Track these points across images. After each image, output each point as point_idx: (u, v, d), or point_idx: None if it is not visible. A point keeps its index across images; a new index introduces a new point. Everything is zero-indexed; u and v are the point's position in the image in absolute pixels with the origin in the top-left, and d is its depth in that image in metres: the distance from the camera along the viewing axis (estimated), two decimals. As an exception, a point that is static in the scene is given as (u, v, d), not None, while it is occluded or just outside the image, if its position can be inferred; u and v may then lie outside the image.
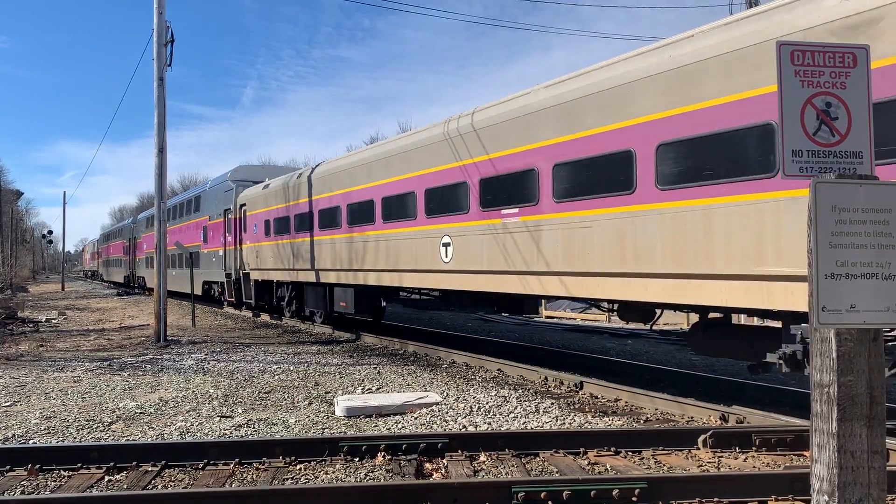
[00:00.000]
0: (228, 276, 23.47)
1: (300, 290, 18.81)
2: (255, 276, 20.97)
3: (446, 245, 11.64)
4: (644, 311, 9.22)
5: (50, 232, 74.93)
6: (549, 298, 11.45)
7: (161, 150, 15.68)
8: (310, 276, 17.19)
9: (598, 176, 8.37)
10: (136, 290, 40.68)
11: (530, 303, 13.10)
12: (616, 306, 9.85)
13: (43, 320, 21.53)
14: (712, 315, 8.24)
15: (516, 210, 9.87)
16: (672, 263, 7.52)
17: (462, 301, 14.20)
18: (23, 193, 77.30)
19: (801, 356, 6.50)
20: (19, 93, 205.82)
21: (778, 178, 6.42)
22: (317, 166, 17.46)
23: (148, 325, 18.94)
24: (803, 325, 6.47)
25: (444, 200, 11.60)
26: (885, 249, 3.43)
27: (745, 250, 6.77)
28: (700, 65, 7.20)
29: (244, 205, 21.79)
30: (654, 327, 9.82)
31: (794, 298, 6.36)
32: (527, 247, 9.66)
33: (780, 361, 6.77)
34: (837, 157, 3.59)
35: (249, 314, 22.77)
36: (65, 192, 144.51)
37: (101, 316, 24.13)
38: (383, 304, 17.07)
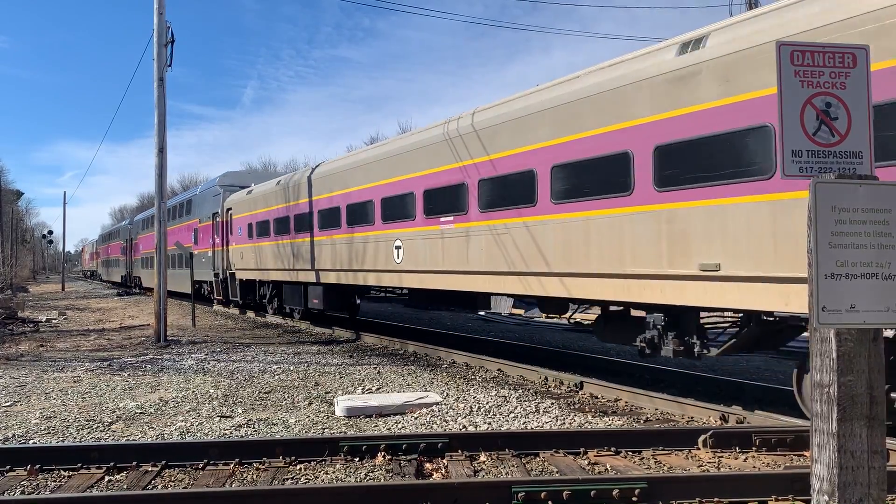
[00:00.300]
0: (216, 275, 24.89)
1: (279, 288, 20.21)
2: (240, 275, 22.56)
3: (398, 248, 13.31)
4: (558, 304, 10.53)
5: (50, 232, 74.99)
6: (482, 295, 13.28)
7: (161, 150, 15.69)
8: (286, 276, 18.86)
9: (511, 191, 10.20)
10: (136, 291, 40.92)
11: (483, 301, 14.80)
12: (537, 301, 11.37)
13: (43, 320, 21.53)
14: (613, 308, 9.52)
15: (451, 218, 11.59)
16: (563, 263, 9.24)
17: (419, 297, 16.22)
18: (23, 193, 77.37)
19: (657, 340, 8.21)
20: (19, 93, 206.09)
21: (631, 196, 8.11)
22: (293, 175, 19.35)
23: (148, 325, 18.94)
24: (656, 314, 8.22)
25: (396, 209, 13.24)
26: (884, 249, 3.43)
27: (612, 254, 8.42)
28: (579, 103, 8.98)
29: (230, 209, 23.35)
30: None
31: (650, 293, 7.93)
32: (460, 250, 11.38)
33: (643, 345, 8.38)
34: (837, 158, 3.59)
35: (243, 313, 23.73)
36: (65, 192, 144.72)
37: (101, 316, 24.14)
38: (357, 301, 18.15)
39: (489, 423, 7.43)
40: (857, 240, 3.42)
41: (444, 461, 5.88)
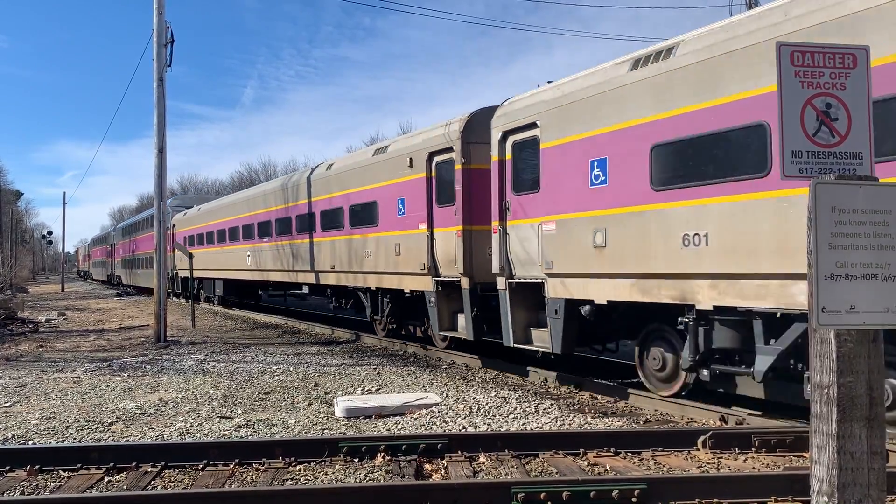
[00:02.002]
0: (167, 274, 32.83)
1: (201, 282, 29.08)
2: (181, 274, 30.71)
3: (249, 255, 22.12)
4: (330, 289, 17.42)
5: (50, 232, 75.07)
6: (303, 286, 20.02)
7: (161, 151, 15.69)
8: (205, 274, 27.46)
9: (334, 217, 15.96)
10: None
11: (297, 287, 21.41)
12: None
13: (43, 321, 21.52)
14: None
15: (306, 234, 17.34)
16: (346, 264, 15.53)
17: (268, 287, 24.46)
18: (23, 194, 77.31)
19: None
20: (19, 93, 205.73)
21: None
22: (203, 205, 30.32)
23: (147, 325, 18.93)
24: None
25: (250, 231, 22.11)
26: (884, 250, 3.43)
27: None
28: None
29: (175, 224, 31.93)
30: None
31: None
32: (305, 254, 17.59)
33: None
34: (837, 158, 3.59)
35: (187, 301, 30.20)
36: (65, 193, 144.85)
37: (100, 316, 24.13)
38: (260, 292, 26.66)
39: (489, 424, 7.43)
40: (857, 241, 3.41)
41: (444, 462, 5.88)
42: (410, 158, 12.57)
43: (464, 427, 7.31)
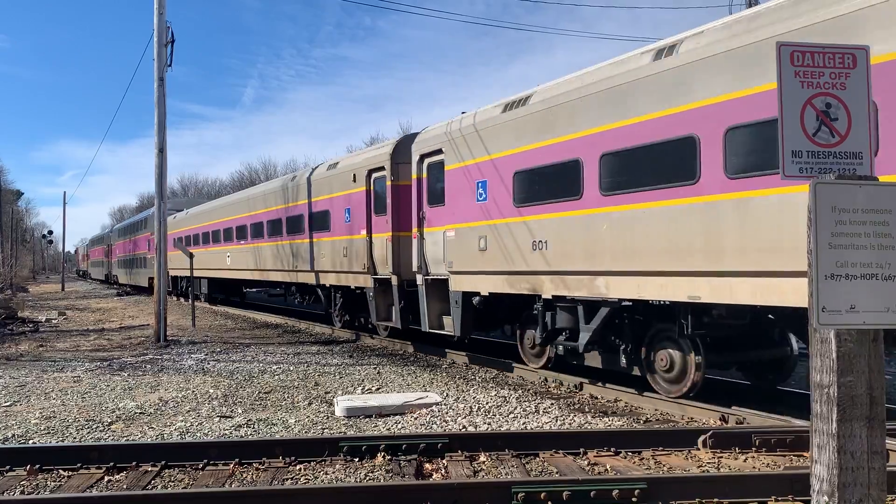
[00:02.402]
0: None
1: (186, 280, 30.44)
2: (171, 273, 31.79)
3: (229, 256, 24.45)
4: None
5: (50, 232, 75.09)
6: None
7: (161, 151, 15.68)
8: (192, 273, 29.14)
9: (298, 223, 18.16)
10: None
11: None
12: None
13: (43, 320, 21.53)
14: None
15: (277, 238, 19.48)
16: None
17: (252, 285, 26.34)
18: (23, 193, 77.46)
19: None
20: (19, 92, 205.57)
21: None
22: (191, 209, 32.91)
23: (148, 325, 18.94)
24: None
25: (230, 234, 24.32)
26: (884, 250, 3.43)
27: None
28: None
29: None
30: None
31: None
32: (276, 256, 20.03)
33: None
34: (837, 158, 3.59)
35: (177, 299, 32.99)
36: (65, 193, 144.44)
37: (101, 316, 24.14)
38: (245, 290, 28.69)
39: (489, 424, 7.43)
40: (857, 240, 3.42)
41: (444, 461, 5.87)
42: (354, 175, 14.72)
43: (464, 426, 7.31)
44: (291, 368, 11.40)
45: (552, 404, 8.35)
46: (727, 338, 8.13)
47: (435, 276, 11.95)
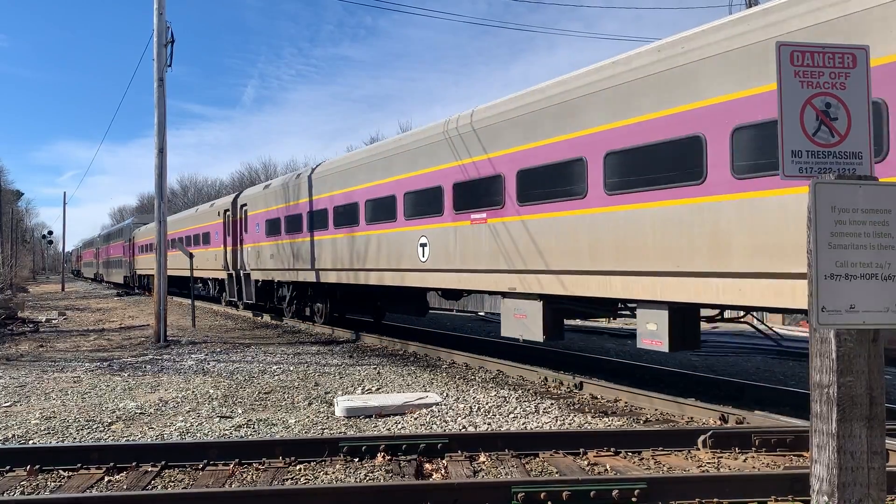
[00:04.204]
0: (131, 274, 46.44)
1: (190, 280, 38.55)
2: (139, 273, 41.51)
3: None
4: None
5: (50, 232, 74.97)
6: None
7: (161, 151, 15.68)
8: (151, 272, 35.18)
9: (205, 238, 27.60)
10: (136, 291, 42.55)
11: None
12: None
13: (43, 320, 21.53)
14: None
15: (200, 246, 27.65)
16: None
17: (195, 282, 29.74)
18: (23, 193, 77.33)
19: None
20: (19, 92, 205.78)
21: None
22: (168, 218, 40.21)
23: (148, 325, 18.95)
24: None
25: (183, 242, 29.95)
26: (884, 250, 3.43)
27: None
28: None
29: (133, 237, 44.00)
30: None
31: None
32: (201, 258, 26.98)
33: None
34: (837, 158, 3.59)
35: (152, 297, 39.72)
36: (65, 193, 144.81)
37: (101, 316, 24.14)
38: (199, 286, 33.33)
39: (489, 424, 7.43)
40: (857, 240, 3.42)
41: (444, 461, 5.88)
42: (218, 212, 25.29)
43: (464, 427, 7.31)
44: (291, 368, 11.40)
45: (552, 404, 8.35)
46: None
47: (249, 271, 21.71)
